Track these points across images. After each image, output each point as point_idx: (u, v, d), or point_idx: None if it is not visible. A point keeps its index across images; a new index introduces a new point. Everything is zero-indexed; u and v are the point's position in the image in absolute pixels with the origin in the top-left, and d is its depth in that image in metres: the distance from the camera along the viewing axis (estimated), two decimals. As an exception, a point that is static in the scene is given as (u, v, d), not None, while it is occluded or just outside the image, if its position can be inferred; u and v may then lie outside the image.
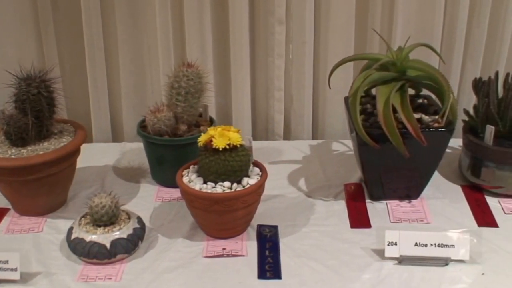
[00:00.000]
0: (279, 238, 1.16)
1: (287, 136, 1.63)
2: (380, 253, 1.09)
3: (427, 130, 1.18)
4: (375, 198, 1.29)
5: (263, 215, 1.23)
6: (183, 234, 1.17)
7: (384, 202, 1.28)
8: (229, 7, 1.47)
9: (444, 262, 1.08)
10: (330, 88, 1.27)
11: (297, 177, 1.40)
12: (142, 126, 1.34)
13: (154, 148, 1.33)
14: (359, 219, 1.22)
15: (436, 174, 1.40)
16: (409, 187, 1.28)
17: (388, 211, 1.25)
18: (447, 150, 1.52)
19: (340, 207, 1.27)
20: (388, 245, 1.09)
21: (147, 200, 1.31)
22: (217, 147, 1.10)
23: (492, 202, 1.28)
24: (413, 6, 1.46)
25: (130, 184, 1.38)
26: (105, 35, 1.53)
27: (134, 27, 1.52)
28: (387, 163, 1.22)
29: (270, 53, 1.51)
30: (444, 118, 1.21)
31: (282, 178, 1.39)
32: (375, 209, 1.26)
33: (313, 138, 1.63)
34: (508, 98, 1.25)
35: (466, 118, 1.35)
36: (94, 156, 1.51)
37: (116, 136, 1.63)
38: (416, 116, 1.23)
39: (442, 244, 1.08)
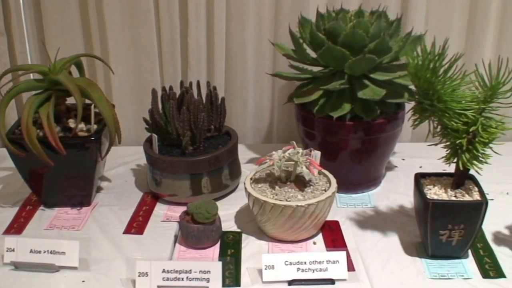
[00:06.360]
0: None
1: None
2: (4, 260, 1.13)
3: (66, 139, 1.21)
4: (49, 205, 1.31)
5: None
6: None
7: (57, 209, 1.31)
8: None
9: (55, 269, 1.11)
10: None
11: (-1, 184, 1.44)
12: None
13: None
14: (16, 226, 1.25)
15: (131, 181, 1.43)
16: (82, 195, 1.31)
17: (51, 218, 1.28)
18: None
19: (9, 214, 1.29)
20: (7, 251, 1.12)
21: None
22: None
23: (161, 209, 1.30)
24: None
25: None
26: None
27: None
28: (44, 171, 1.25)
29: (-1, 63, 1.55)
30: (92, 127, 1.25)
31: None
32: (40, 216, 1.29)
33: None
34: (170, 107, 1.27)
35: (148, 127, 1.37)
36: None
37: None
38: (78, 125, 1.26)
39: (54, 251, 1.11)
